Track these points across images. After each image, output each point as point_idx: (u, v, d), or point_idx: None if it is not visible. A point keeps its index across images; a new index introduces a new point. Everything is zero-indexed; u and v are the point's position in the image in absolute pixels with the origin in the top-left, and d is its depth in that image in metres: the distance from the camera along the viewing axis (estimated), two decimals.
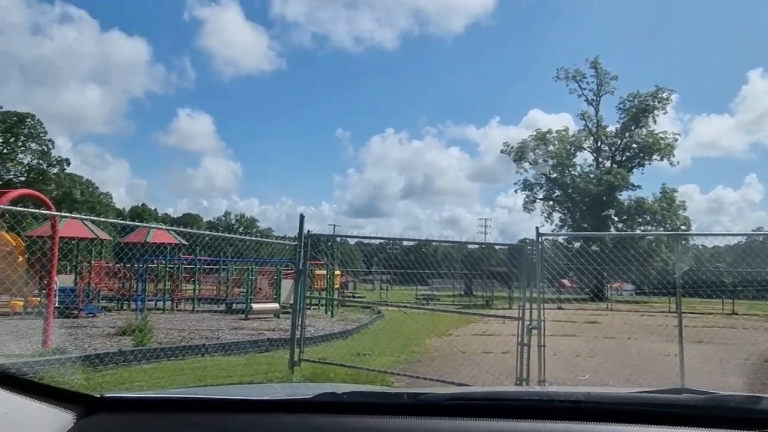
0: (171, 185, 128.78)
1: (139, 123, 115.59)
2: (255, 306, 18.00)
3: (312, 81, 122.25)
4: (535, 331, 6.86)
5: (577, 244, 35.51)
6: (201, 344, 10.42)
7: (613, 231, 46.07)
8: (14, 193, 8.86)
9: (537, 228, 7.27)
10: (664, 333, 11.07)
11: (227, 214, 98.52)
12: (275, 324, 15.38)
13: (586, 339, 13.02)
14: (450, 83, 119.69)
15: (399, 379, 7.92)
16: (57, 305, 13.12)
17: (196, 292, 21.49)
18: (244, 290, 20.16)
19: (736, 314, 25.00)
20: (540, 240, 7.20)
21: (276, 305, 18.46)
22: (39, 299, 14.66)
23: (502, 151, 53.48)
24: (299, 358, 7.95)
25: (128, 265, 19.87)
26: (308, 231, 8.33)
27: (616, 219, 49.49)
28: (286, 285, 19.21)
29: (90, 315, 15.70)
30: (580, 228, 47.69)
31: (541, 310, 6.96)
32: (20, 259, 12.64)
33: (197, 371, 8.27)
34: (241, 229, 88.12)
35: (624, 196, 49.33)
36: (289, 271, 21.46)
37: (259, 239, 13.45)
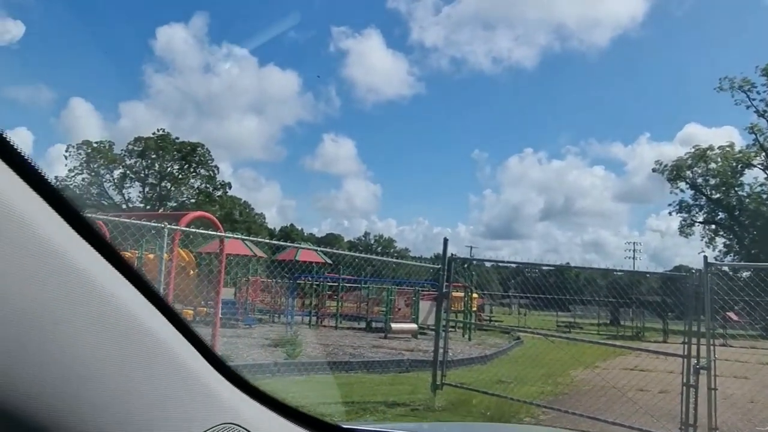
0: (316, 206, 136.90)
1: (290, 148, 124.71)
2: (394, 326, 18.37)
3: (449, 103, 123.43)
4: (703, 372, 6.19)
5: (746, 274, 31.55)
6: (346, 361, 10.88)
7: None
8: (192, 216, 10.03)
9: (705, 257, 6.61)
10: None
11: (367, 234, 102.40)
12: (414, 344, 15.56)
13: (762, 383, 11.45)
14: (593, 99, 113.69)
15: (545, 412, 7.58)
16: (220, 316, 14.53)
17: (339, 309, 22.49)
18: (383, 309, 20.72)
19: None
20: (708, 270, 6.52)
21: (414, 326, 18.68)
22: (206, 309, 16.32)
23: (653, 170, 49.49)
24: (442, 382, 7.96)
25: (279, 281, 21.41)
26: (452, 254, 8.37)
27: None
28: (424, 306, 19.40)
29: (247, 326, 17.12)
30: (750, 255, 42.32)
31: (712, 348, 6.27)
32: (192, 273, 14.24)
33: (344, 387, 8.62)
34: (379, 249, 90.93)
35: None
36: (426, 292, 21.66)
37: (398, 261, 13.83)
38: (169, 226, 6.21)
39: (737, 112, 76.17)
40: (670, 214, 49.55)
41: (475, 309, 24.98)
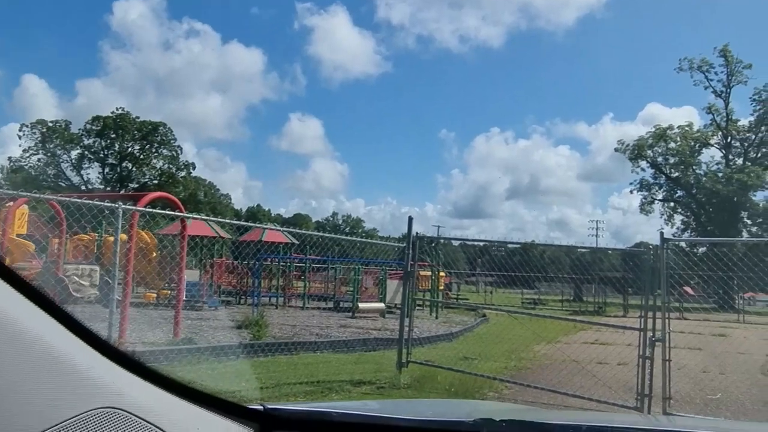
0: (283, 187, 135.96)
1: (255, 128, 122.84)
2: (362, 305, 18.43)
3: (417, 82, 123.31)
4: (658, 344, 6.38)
5: (702, 249, 32.71)
6: (312, 341, 10.85)
7: (745, 235, 41.93)
8: (151, 196, 9.76)
9: (661, 233, 6.77)
10: None
11: (335, 214, 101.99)
12: (381, 323, 15.63)
13: (714, 354, 11.93)
14: (559, 79, 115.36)
15: (508, 386, 7.72)
16: (184, 298, 14.30)
17: (306, 289, 22.41)
18: (351, 289, 20.74)
19: None
20: (665, 245, 6.68)
21: (382, 305, 18.76)
22: (169, 292, 16.02)
23: (616, 149, 50.59)
24: (407, 360, 8.01)
25: (245, 262, 21.17)
26: (416, 233, 8.37)
27: (749, 222, 44.95)
28: (391, 285, 19.48)
29: (212, 308, 16.90)
30: (706, 231, 43.91)
31: (667, 321, 6.46)
32: (153, 255, 13.92)
33: (309, 367, 8.59)
34: (347, 229, 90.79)
35: (759, 196, 44.66)
36: (394, 272, 21.76)
37: (366, 240, 13.79)
38: (123, 206, 6.01)
39: (696, 92, 78.45)
40: (631, 192, 50.81)
41: (442, 288, 25.23)
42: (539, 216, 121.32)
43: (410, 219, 8.27)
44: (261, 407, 1.32)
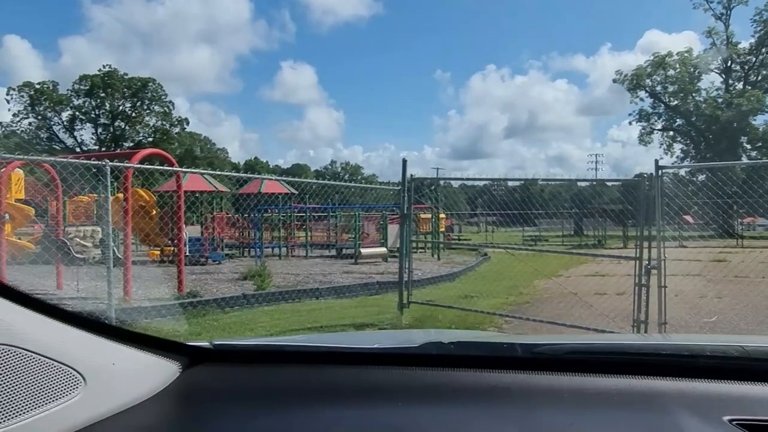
0: (280, 137, 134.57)
1: (247, 79, 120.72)
2: (364, 251, 18.61)
3: (409, 23, 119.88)
4: (654, 271, 6.45)
5: (702, 177, 32.59)
6: (315, 288, 11.01)
7: (745, 160, 41.71)
8: (142, 153, 9.70)
9: (656, 161, 6.71)
10: None
11: (333, 162, 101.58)
12: (383, 268, 15.84)
13: (713, 279, 12.08)
14: (555, 10, 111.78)
15: (508, 321, 7.87)
16: (187, 254, 14.43)
17: (308, 238, 22.58)
18: (353, 236, 20.89)
19: None
20: (660, 173, 6.65)
21: (384, 249, 18.95)
22: (172, 248, 16.16)
23: (614, 81, 49.55)
24: (408, 301, 8.15)
25: (246, 215, 21.24)
26: (411, 175, 8.33)
27: (749, 147, 44.71)
28: (393, 230, 19.59)
29: (216, 262, 17.09)
30: (705, 159, 43.67)
31: (662, 249, 6.51)
32: (153, 212, 13.94)
33: (313, 313, 8.77)
34: (346, 176, 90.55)
35: (759, 120, 44.13)
36: (395, 216, 21.85)
37: (364, 185, 13.76)
38: (111, 163, 5.95)
39: (696, 16, 76.12)
40: (630, 123, 50.68)
41: (443, 229, 25.40)
42: (538, 153, 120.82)
43: (404, 161, 8.21)
44: (209, 344, 1.33)
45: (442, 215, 23.84)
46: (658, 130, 49.02)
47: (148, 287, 10.50)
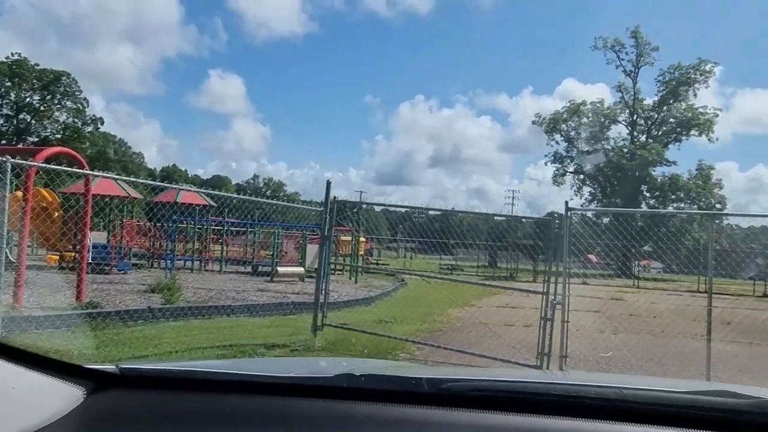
0: (201, 147, 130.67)
1: (171, 83, 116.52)
2: (280, 269, 18.28)
3: (343, 45, 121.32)
4: (559, 306, 6.80)
5: (606, 219, 34.90)
6: (227, 305, 10.65)
7: (644, 207, 45.17)
8: (49, 151, 9.06)
9: (566, 202, 7.13)
10: (692, 313, 10.88)
11: (255, 177, 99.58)
12: (300, 288, 15.61)
13: (610, 316, 12.88)
14: (484, 50, 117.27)
15: (420, 347, 7.98)
16: (90, 261, 13.54)
17: (224, 253, 21.88)
18: (270, 253, 20.48)
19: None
20: (569, 214, 7.07)
21: (301, 269, 18.72)
22: (73, 254, 15.11)
23: (533, 122, 52.58)
24: (322, 323, 8.06)
25: (158, 225, 20.29)
26: (334, 197, 8.33)
27: (648, 195, 48.43)
28: (312, 250, 19.42)
29: (121, 271, 16.15)
30: (611, 203, 46.85)
31: (566, 285, 6.88)
32: (56, 215, 13.00)
33: (223, 331, 8.46)
34: (268, 192, 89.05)
35: (658, 171, 48.21)
36: (315, 236, 21.70)
37: (286, 204, 13.54)
38: (13, 160, 5.50)
39: (608, 70, 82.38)
40: (546, 164, 53.12)
41: (362, 253, 25.49)
42: (460, 185, 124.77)
43: (328, 182, 8.22)
44: (115, 367, 1.28)
45: (362, 238, 23.97)
46: (570, 172, 52.21)
47: (43, 294, 9.73)
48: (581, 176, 51.97)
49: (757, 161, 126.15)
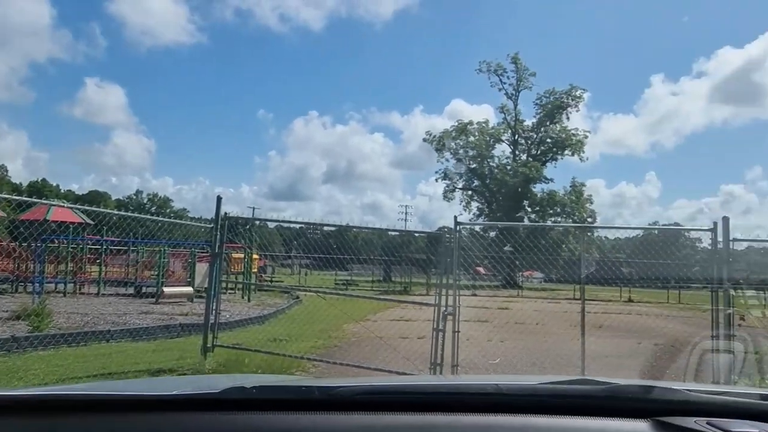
0: (76, 160, 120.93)
1: (41, 91, 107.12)
2: (167, 290, 17.26)
3: (235, 59, 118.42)
4: (450, 317, 7.04)
5: (492, 233, 36.85)
6: (106, 330, 9.86)
7: (526, 221, 48.25)
8: None
9: (455, 217, 7.44)
10: (569, 319, 11.73)
11: (138, 192, 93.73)
12: (188, 309, 14.85)
13: (498, 325, 13.55)
14: (376, 69, 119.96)
15: (316, 364, 7.88)
16: None
17: (102, 274, 20.28)
18: (155, 273, 19.28)
19: (632, 301, 27.04)
20: (458, 228, 7.37)
21: (190, 289, 17.82)
22: None
23: (424, 140, 54.48)
24: (213, 344, 7.71)
25: (25, 245, 18.38)
26: (225, 213, 8.06)
27: (529, 210, 51.83)
28: (201, 268, 18.59)
29: None
30: (496, 218, 49.54)
31: (457, 297, 7.15)
32: None
33: (101, 358, 7.81)
34: (153, 209, 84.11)
35: (538, 188, 51.83)
36: (205, 254, 20.78)
37: (173, 221, 12.77)
38: None
39: (492, 92, 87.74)
40: (436, 180, 55.17)
41: (255, 270, 24.81)
42: (354, 200, 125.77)
43: (219, 198, 7.92)
44: None
45: (255, 255, 23.32)
46: (459, 188, 54.64)
47: None
48: (469, 192, 54.61)
49: (621, 179, 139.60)
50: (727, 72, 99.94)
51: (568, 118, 52.19)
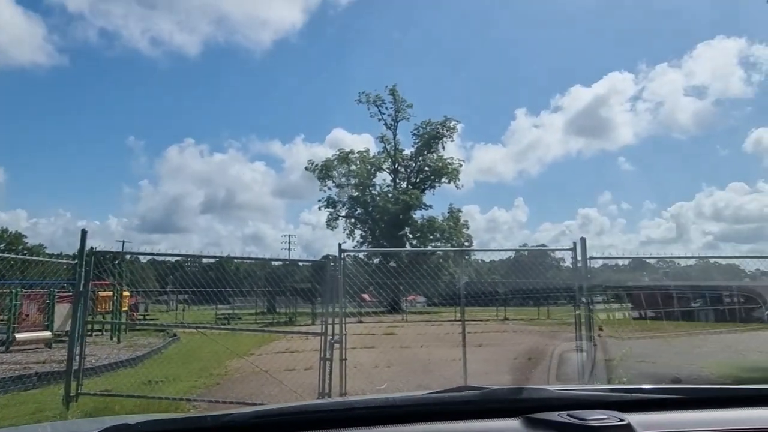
0: None
1: None
2: (19, 336, 15.39)
3: (100, 82, 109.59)
4: (337, 345, 7.01)
5: (376, 260, 37.47)
6: None
7: (408, 247, 49.68)
8: None
9: (339, 244, 7.49)
10: (451, 340, 12.16)
11: None
12: (46, 355, 13.35)
13: (384, 350, 13.73)
14: (256, 96, 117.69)
15: (197, 405, 7.41)
16: None
17: None
18: (5, 317, 17.13)
19: (508, 319, 28.73)
20: (342, 256, 7.41)
21: (48, 333, 16.04)
22: None
23: (306, 168, 54.44)
24: (77, 392, 6.99)
25: None
26: (92, 248, 7.42)
27: (411, 236, 53.43)
28: (62, 310, 16.86)
29: None
30: (379, 244, 50.50)
31: (343, 325, 7.15)
32: None
33: None
34: (2, 245, 75.07)
35: (418, 214, 53.66)
36: (66, 294, 18.87)
37: (26, 257, 11.45)
38: None
39: (372, 122, 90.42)
40: (319, 209, 55.16)
41: (126, 309, 22.96)
42: (235, 231, 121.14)
43: (83, 232, 7.30)
44: None
45: (126, 292, 21.62)
46: (343, 216, 55.05)
47: None
48: (353, 220, 55.22)
49: (493, 204, 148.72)
50: (579, 107, 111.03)
51: (443, 148, 55.04)
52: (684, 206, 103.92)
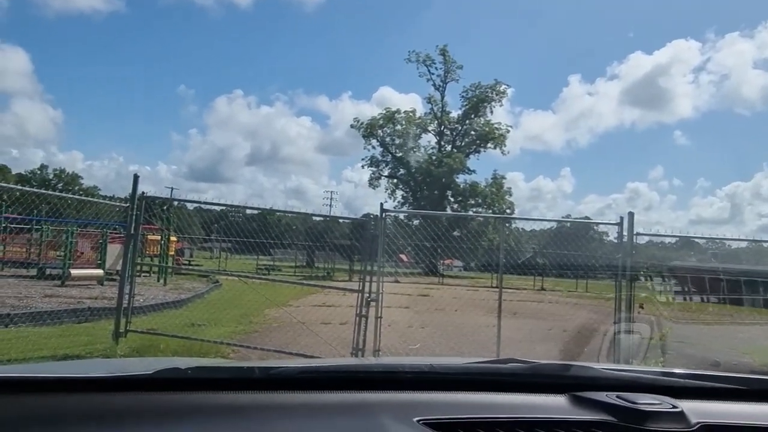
0: None
1: None
2: (74, 272, 16.27)
3: (154, 30, 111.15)
4: (373, 303, 7.12)
5: (416, 222, 37.51)
6: (5, 313, 9.16)
7: (449, 211, 49.48)
8: None
9: (381, 204, 7.51)
10: (486, 306, 12.19)
11: (44, 167, 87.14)
12: (98, 292, 14.08)
13: (419, 311, 13.86)
14: (306, 51, 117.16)
15: (235, 350, 7.73)
16: None
17: (0, 254, 18.78)
18: (61, 254, 18.10)
19: (544, 290, 28.53)
20: (383, 215, 7.44)
21: (100, 271, 16.89)
22: None
23: (352, 126, 54.36)
24: (126, 329, 7.38)
25: None
26: (143, 193, 7.68)
27: (452, 200, 53.11)
28: (113, 250, 17.65)
29: None
30: (420, 206, 50.45)
31: (380, 283, 7.23)
32: None
33: None
34: (60, 185, 78.62)
35: (461, 179, 53.12)
36: (117, 235, 19.73)
37: (81, 198, 11.97)
38: None
39: (420, 82, 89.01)
40: (362, 167, 55.38)
41: (172, 253, 23.88)
42: (278, 184, 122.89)
43: (136, 177, 7.55)
44: None
45: (173, 237, 22.44)
46: (385, 176, 55.05)
47: None
48: (395, 180, 55.18)
49: (538, 173, 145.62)
50: (637, 76, 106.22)
51: (491, 112, 53.82)
52: (740, 186, 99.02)
